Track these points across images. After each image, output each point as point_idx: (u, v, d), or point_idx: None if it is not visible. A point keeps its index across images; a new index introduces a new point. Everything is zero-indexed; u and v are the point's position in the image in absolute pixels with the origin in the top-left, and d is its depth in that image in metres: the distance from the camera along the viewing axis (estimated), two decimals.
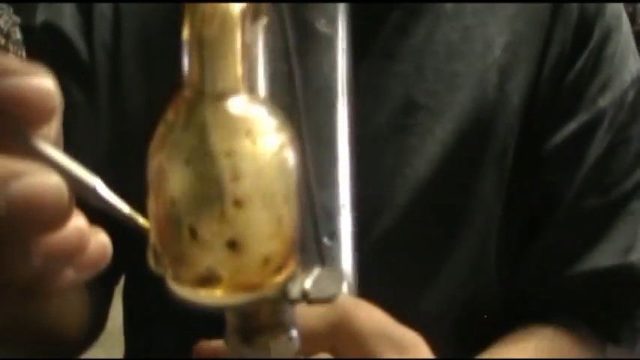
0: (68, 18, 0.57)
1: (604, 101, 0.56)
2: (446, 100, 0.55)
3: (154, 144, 0.16)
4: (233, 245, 0.15)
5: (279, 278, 0.16)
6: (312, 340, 0.32)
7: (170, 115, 0.16)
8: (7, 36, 4.03)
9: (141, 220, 0.18)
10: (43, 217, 0.20)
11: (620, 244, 0.58)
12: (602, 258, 0.58)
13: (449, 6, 0.56)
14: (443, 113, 0.55)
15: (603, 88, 0.56)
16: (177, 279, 0.17)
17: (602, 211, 0.58)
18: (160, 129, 0.16)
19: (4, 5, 4.05)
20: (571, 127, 0.56)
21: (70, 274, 0.21)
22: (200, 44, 0.16)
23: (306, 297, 0.17)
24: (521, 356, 0.55)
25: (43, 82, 0.21)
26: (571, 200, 0.57)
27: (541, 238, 0.58)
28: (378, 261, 0.53)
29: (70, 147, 0.34)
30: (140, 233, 0.19)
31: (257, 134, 0.15)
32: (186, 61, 0.16)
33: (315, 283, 0.17)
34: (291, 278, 0.17)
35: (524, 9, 0.56)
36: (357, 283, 0.40)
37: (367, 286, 0.43)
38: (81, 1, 0.59)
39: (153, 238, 0.17)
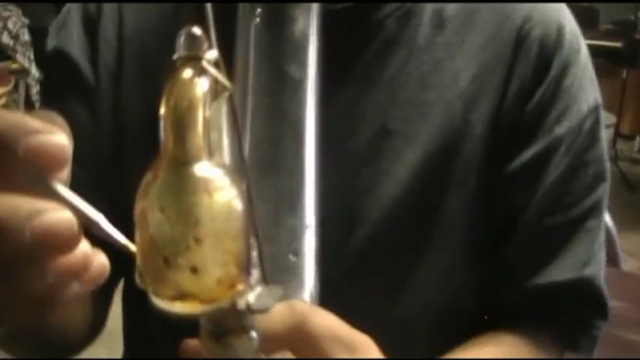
0: (76, 44, 0.62)
1: (560, 129, 0.59)
2: (416, 126, 0.58)
3: (139, 193, 0.22)
4: (195, 270, 0.21)
5: (230, 294, 0.22)
6: (273, 340, 0.35)
7: (150, 174, 0.21)
8: (16, 37, 4.06)
9: (132, 247, 0.23)
10: (58, 244, 0.24)
11: (577, 260, 0.61)
12: (559, 272, 0.61)
13: (421, 40, 0.59)
14: (413, 139, 0.58)
15: (560, 118, 0.59)
16: (156, 294, 0.22)
17: (560, 229, 0.61)
18: (143, 183, 0.21)
19: (12, 7, 4.07)
20: (530, 152, 0.59)
21: (75, 288, 0.25)
22: (172, 120, 0.21)
23: (249, 308, 0.22)
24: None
25: (60, 139, 0.25)
26: (531, 218, 0.60)
27: (505, 252, 0.61)
28: (354, 270, 0.57)
29: (74, 160, 0.40)
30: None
31: (213, 190, 0.20)
32: (162, 133, 0.21)
33: (257, 298, 0.22)
34: (239, 294, 0.22)
35: (490, 44, 0.59)
36: (318, 294, 0.42)
37: (346, 293, 0.44)
38: (86, 1, 0.64)
39: (138, 262, 0.22)
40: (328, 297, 0.42)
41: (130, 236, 0.24)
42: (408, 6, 0.59)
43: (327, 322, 0.38)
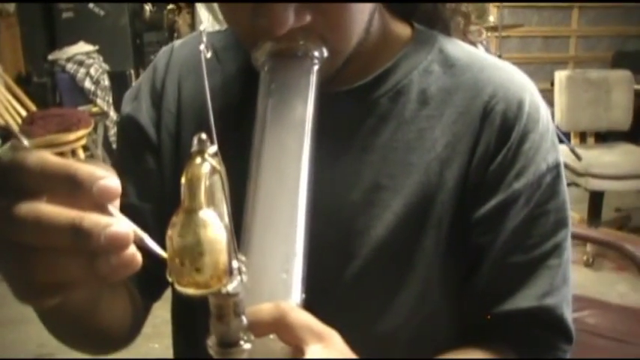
0: (145, 113, 0.75)
1: (518, 184, 0.66)
2: (401, 182, 0.67)
3: (169, 225, 0.37)
4: (198, 270, 0.36)
5: (218, 285, 0.37)
6: (262, 327, 0.45)
7: (175, 215, 0.37)
8: (97, 83, 4.36)
9: (164, 255, 0.39)
10: (119, 245, 0.36)
11: (538, 291, 0.68)
12: (522, 300, 0.68)
13: (408, 114, 0.68)
14: (398, 192, 0.68)
15: (518, 175, 0.66)
16: (177, 284, 0.38)
17: (523, 266, 0.68)
18: (171, 219, 0.37)
19: (95, 55, 4.39)
20: (492, 202, 0.67)
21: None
22: (187, 186, 0.37)
23: (228, 293, 0.38)
24: None
25: (114, 182, 0.37)
26: (496, 256, 0.67)
27: (473, 283, 0.69)
28: (348, 294, 0.67)
29: (142, 196, 0.57)
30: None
31: (209, 225, 0.36)
32: (182, 192, 0.37)
33: (233, 288, 0.38)
34: (223, 285, 0.38)
35: (462, 117, 0.68)
36: (302, 303, 0.50)
37: (339, 312, 0.52)
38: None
39: (168, 264, 0.38)
40: (324, 313, 0.49)
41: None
42: (399, 87, 0.68)
43: (302, 317, 0.47)
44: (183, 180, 0.37)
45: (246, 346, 0.42)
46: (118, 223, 0.36)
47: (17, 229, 0.37)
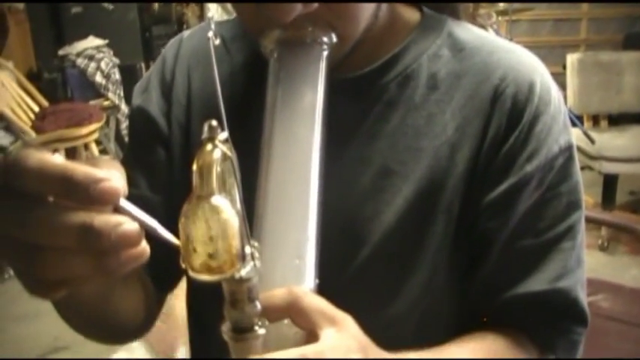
0: (155, 104, 0.75)
1: (530, 167, 0.66)
2: (411, 167, 0.67)
3: (182, 213, 0.38)
4: (211, 256, 0.37)
5: (231, 270, 0.38)
6: (276, 311, 0.46)
7: (187, 202, 0.37)
8: (108, 77, 4.38)
9: (177, 242, 0.39)
10: (129, 243, 0.37)
11: (552, 274, 0.67)
12: (535, 284, 0.67)
13: (418, 98, 0.68)
14: (408, 177, 0.67)
15: (530, 157, 0.66)
16: (191, 270, 0.38)
17: (535, 249, 0.67)
18: (183, 207, 0.38)
19: (105, 49, 4.40)
20: (504, 186, 0.66)
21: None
22: (198, 173, 0.37)
23: (241, 278, 0.38)
24: (459, 354, 0.64)
25: (113, 184, 0.36)
26: (505, 240, 0.67)
27: (483, 267, 0.68)
28: (358, 278, 0.68)
29: (151, 187, 0.57)
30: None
31: (220, 211, 0.36)
32: (193, 179, 0.37)
33: (247, 273, 0.38)
34: (236, 270, 0.38)
35: (472, 100, 0.67)
36: (315, 288, 0.51)
37: (350, 296, 0.51)
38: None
39: (182, 252, 0.38)
40: (335, 298, 0.49)
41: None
42: (408, 71, 0.68)
43: (315, 301, 0.47)
44: (194, 167, 0.37)
45: (261, 331, 0.43)
46: (128, 222, 0.36)
47: (27, 230, 0.37)
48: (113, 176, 0.37)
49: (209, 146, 0.37)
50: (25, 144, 3.68)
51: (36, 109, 3.77)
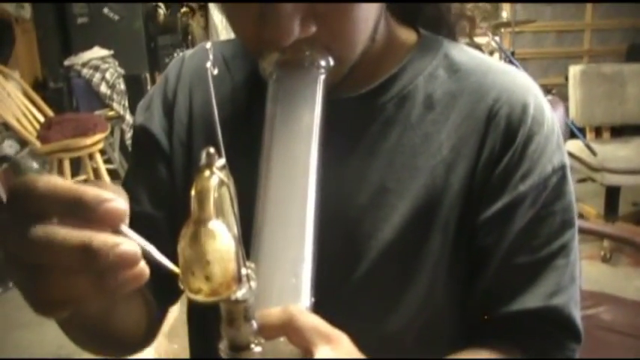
0: (157, 122, 0.77)
1: (524, 187, 0.67)
2: (407, 185, 0.68)
3: (180, 236, 0.39)
4: (207, 279, 0.38)
5: (227, 292, 0.39)
6: (272, 330, 0.46)
7: (185, 226, 0.39)
8: (113, 87, 4.40)
9: (175, 269, 0.41)
10: (127, 264, 0.37)
11: (546, 291, 0.68)
12: (530, 301, 0.68)
13: (414, 118, 0.69)
14: (405, 195, 0.68)
15: (524, 177, 0.67)
16: (189, 291, 0.39)
17: (530, 266, 0.68)
18: (182, 230, 0.39)
19: (110, 59, 4.42)
20: (498, 205, 0.67)
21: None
22: (197, 198, 0.38)
23: (237, 300, 0.40)
24: None
25: (119, 205, 0.38)
26: (501, 257, 0.68)
27: (479, 283, 0.69)
28: (356, 294, 0.68)
29: (154, 204, 0.57)
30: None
31: (217, 235, 0.38)
32: (192, 204, 0.39)
33: (242, 295, 0.40)
34: (232, 292, 0.39)
35: (467, 121, 0.69)
36: (312, 304, 0.51)
37: (348, 312, 0.54)
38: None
39: (180, 274, 0.40)
40: (332, 315, 0.49)
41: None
42: (405, 92, 0.69)
43: (310, 319, 0.47)
44: (192, 192, 0.39)
45: (257, 349, 0.44)
46: (127, 242, 0.37)
47: (30, 250, 0.38)
48: (118, 199, 0.38)
49: (207, 173, 0.38)
50: (31, 153, 3.71)
51: (41, 118, 3.79)
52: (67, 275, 0.38)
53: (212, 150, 0.39)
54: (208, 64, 0.43)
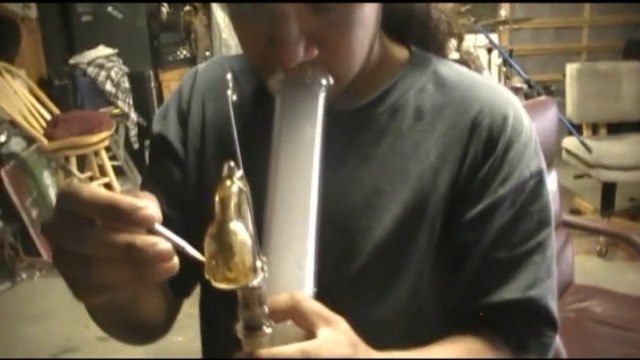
0: (172, 130, 0.83)
1: (504, 190, 0.72)
2: (398, 188, 0.74)
3: (207, 234, 0.47)
4: (229, 269, 0.46)
5: (245, 280, 0.47)
6: (279, 313, 0.53)
7: (210, 225, 0.46)
8: (117, 85, 4.44)
9: (202, 258, 0.48)
10: (163, 258, 0.45)
11: (524, 283, 0.73)
12: (508, 292, 0.73)
13: (405, 128, 0.75)
14: (396, 197, 0.74)
15: (503, 181, 0.72)
16: (213, 280, 0.47)
17: (508, 261, 0.73)
18: (208, 230, 0.47)
19: (115, 58, 4.45)
20: (479, 207, 0.73)
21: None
22: (219, 203, 0.46)
23: (253, 287, 0.48)
24: (441, 354, 0.70)
25: (151, 211, 0.45)
26: (482, 253, 0.73)
27: (462, 277, 0.75)
28: (351, 286, 0.75)
29: (170, 204, 0.64)
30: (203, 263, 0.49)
31: (237, 233, 0.46)
32: (216, 207, 0.47)
33: (257, 282, 0.48)
34: (249, 280, 0.47)
35: (452, 130, 0.74)
36: (315, 292, 0.57)
37: (344, 301, 0.57)
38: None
39: (206, 266, 0.48)
40: (331, 302, 0.55)
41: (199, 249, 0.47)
42: (397, 105, 0.76)
43: (313, 305, 0.54)
44: (216, 198, 0.46)
45: (268, 330, 0.51)
46: (162, 242, 0.45)
47: (82, 244, 0.46)
48: (150, 205, 0.46)
49: (228, 182, 0.46)
50: (38, 150, 3.76)
51: (47, 116, 3.83)
52: (112, 265, 0.46)
53: (232, 164, 0.47)
54: (229, 92, 0.50)
